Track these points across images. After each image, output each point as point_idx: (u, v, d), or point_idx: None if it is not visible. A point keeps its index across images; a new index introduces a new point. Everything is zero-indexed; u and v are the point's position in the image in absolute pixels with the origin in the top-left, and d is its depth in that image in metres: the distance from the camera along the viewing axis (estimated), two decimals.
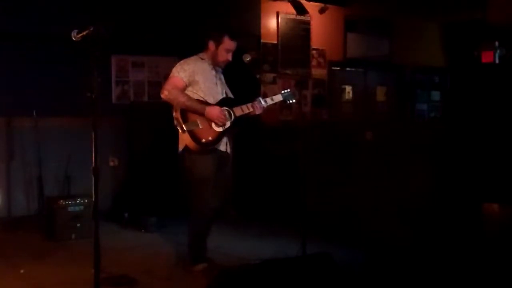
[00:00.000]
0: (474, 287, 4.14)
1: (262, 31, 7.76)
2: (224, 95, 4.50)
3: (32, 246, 5.29)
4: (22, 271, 4.51)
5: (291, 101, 4.81)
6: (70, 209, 5.57)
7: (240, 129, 4.56)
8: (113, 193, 6.67)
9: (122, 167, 6.81)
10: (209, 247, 4.65)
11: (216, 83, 4.47)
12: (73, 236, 5.53)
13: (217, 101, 4.39)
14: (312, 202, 4.80)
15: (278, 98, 4.72)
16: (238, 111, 4.43)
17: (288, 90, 4.84)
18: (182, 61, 4.40)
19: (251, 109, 4.48)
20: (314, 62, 8.38)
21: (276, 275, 3.62)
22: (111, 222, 6.17)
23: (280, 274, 3.63)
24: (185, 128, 4.19)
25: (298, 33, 8.17)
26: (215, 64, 4.46)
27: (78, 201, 5.61)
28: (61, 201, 5.59)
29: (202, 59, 4.45)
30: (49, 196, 6.00)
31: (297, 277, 3.65)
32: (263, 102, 4.53)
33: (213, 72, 4.47)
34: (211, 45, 4.42)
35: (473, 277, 4.21)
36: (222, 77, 4.58)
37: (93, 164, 3.20)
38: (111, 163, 6.78)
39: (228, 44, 4.41)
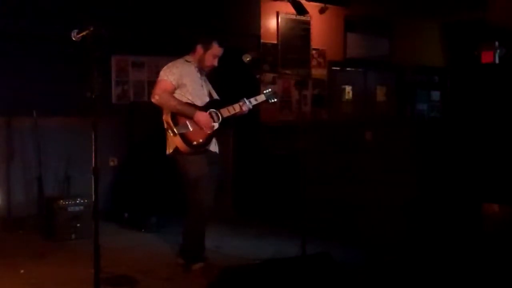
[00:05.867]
0: (474, 287, 4.14)
1: (262, 31, 7.76)
2: (209, 97, 4.60)
3: (32, 246, 5.29)
4: (22, 271, 4.51)
5: (273, 101, 4.89)
6: (70, 209, 5.57)
7: (227, 128, 4.66)
8: (113, 193, 6.66)
9: (122, 167, 6.80)
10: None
11: (202, 85, 4.58)
12: (73, 236, 5.53)
13: (204, 103, 4.50)
14: (312, 202, 4.80)
15: (261, 98, 4.84)
16: (225, 112, 4.54)
17: (270, 90, 4.97)
18: (169, 64, 4.49)
19: (237, 110, 4.59)
20: (314, 62, 8.38)
21: (276, 275, 3.62)
22: (111, 222, 6.16)
23: (280, 274, 3.64)
24: (176, 131, 4.28)
25: (298, 33, 8.16)
26: (201, 67, 4.55)
27: (78, 201, 5.61)
28: (61, 201, 5.59)
29: (188, 61, 4.54)
30: (49, 196, 6.00)
31: (297, 277, 3.65)
32: (247, 103, 4.64)
33: (199, 75, 4.57)
34: (199, 49, 4.52)
35: (473, 277, 4.21)
36: (206, 79, 4.69)
37: (93, 164, 3.20)
38: (111, 163, 6.77)
39: (216, 50, 4.51)
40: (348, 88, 8.99)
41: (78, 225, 5.54)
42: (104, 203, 5.84)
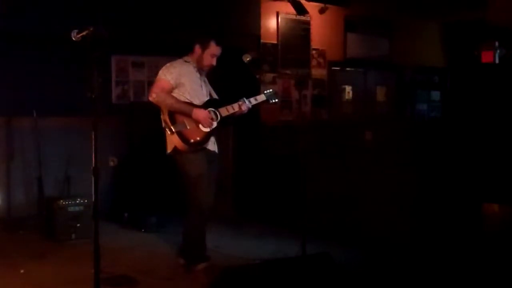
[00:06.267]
0: (474, 287, 4.14)
1: (262, 31, 7.75)
2: (209, 97, 4.61)
3: (32, 246, 5.29)
4: (22, 271, 4.51)
5: (274, 101, 4.88)
6: (70, 209, 5.57)
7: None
8: (113, 193, 6.66)
9: (122, 167, 6.81)
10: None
11: (201, 85, 4.58)
12: (73, 236, 5.53)
13: (202, 102, 4.50)
14: (312, 202, 4.80)
15: (262, 98, 4.83)
16: (224, 111, 4.55)
17: (271, 90, 4.97)
18: (168, 64, 4.50)
19: (236, 109, 4.59)
20: (314, 62, 8.38)
21: (276, 275, 3.62)
22: (111, 222, 6.17)
23: (280, 274, 3.64)
24: (173, 130, 4.30)
25: (298, 33, 8.16)
26: (199, 67, 4.56)
27: (78, 201, 5.62)
28: (61, 201, 5.59)
29: (186, 62, 4.55)
30: (49, 196, 6.00)
31: (297, 277, 3.65)
32: (247, 102, 4.64)
33: (198, 75, 4.57)
34: (198, 49, 4.53)
35: (473, 277, 4.21)
36: (206, 79, 4.69)
37: (93, 164, 3.20)
38: (111, 163, 6.78)
39: (214, 49, 4.52)
40: (348, 88, 8.99)
41: (78, 225, 5.54)
42: (104, 203, 5.82)
